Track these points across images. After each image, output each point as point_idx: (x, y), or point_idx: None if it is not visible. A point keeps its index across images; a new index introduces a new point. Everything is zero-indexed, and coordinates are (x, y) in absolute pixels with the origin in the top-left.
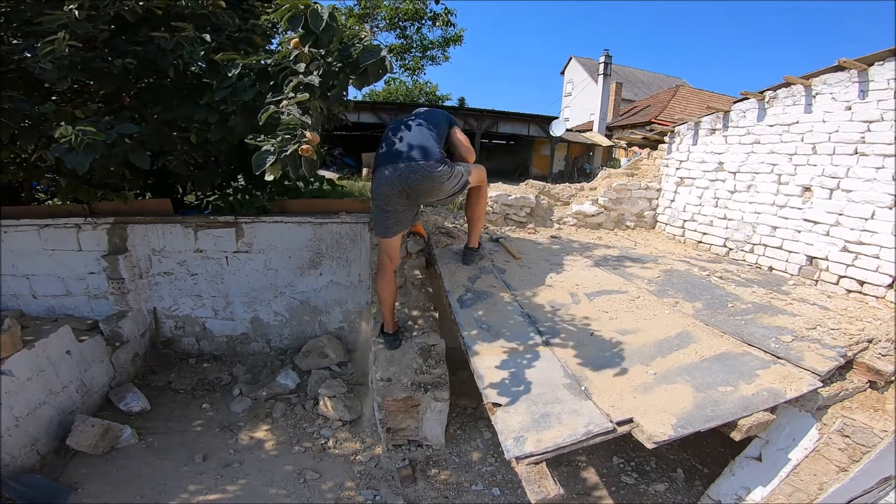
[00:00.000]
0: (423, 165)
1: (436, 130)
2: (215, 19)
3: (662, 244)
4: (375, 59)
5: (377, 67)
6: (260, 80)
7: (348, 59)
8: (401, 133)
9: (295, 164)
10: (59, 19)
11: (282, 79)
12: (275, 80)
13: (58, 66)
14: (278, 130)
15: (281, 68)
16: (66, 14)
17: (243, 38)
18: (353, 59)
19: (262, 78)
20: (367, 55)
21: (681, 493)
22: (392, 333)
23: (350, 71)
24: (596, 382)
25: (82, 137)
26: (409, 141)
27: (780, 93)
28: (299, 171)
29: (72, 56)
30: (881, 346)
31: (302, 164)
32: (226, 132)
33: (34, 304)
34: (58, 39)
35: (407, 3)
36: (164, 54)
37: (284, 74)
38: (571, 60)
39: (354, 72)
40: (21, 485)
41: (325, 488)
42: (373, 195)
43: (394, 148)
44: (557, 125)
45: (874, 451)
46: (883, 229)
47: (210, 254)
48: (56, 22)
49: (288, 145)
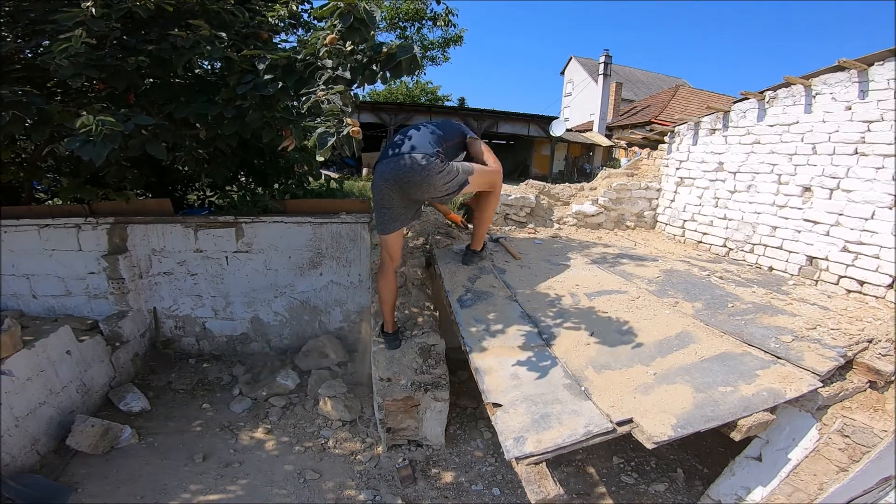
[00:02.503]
0: (411, 157)
1: (441, 133)
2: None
3: (662, 244)
4: (410, 54)
5: (410, 62)
6: (285, 74)
7: (377, 56)
8: (404, 134)
9: (350, 144)
10: (76, 16)
11: (308, 74)
12: (301, 75)
13: (73, 64)
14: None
15: (307, 64)
16: (84, 11)
17: (251, 33)
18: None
19: (287, 72)
20: (404, 51)
21: (681, 493)
22: (392, 333)
23: (382, 65)
24: (596, 382)
25: (101, 128)
26: (408, 140)
27: (780, 93)
28: (351, 149)
29: (87, 53)
30: (881, 346)
31: (354, 144)
32: (239, 126)
33: (34, 304)
34: (74, 37)
35: (407, 3)
36: (178, 52)
37: (311, 70)
38: (571, 60)
39: (387, 66)
40: (21, 485)
41: (326, 488)
42: (372, 191)
43: (393, 147)
44: (557, 125)
45: (874, 451)
46: (883, 229)
47: (210, 254)
48: (73, 19)
49: (342, 127)
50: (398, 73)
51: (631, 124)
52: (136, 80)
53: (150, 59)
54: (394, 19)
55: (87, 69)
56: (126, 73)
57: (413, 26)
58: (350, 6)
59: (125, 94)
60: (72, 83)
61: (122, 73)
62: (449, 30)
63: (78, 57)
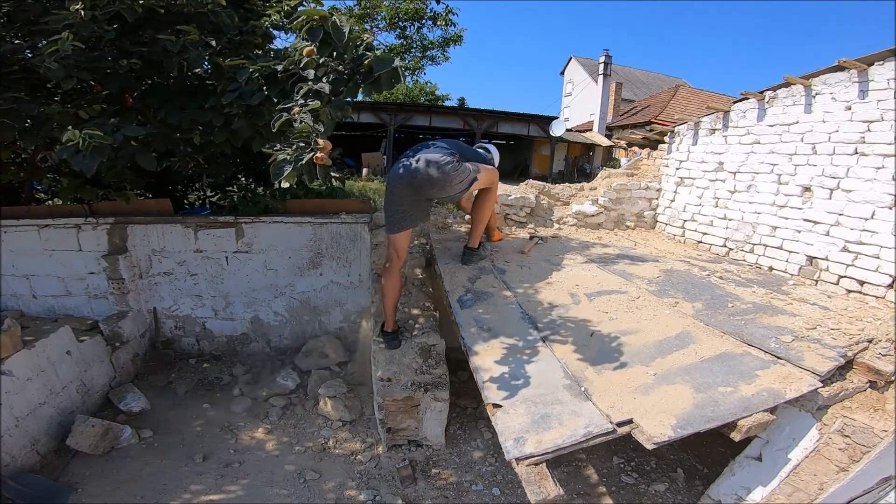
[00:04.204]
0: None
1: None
2: (215, 18)
3: (662, 244)
4: (389, 68)
5: (390, 76)
6: (268, 84)
7: (359, 68)
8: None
9: (311, 172)
10: (66, 19)
11: (291, 84)
12: (283, 86)
13: (63, 66)
14: (292, 138)
15: (290, 74)
16: (73, 14)
17: (244, 41)
18: (366, 67)
19: (270, 82)
20: (381, 65)
21: (681, 493)
22: (392, 332)
23: (362, 79)
24: (596, 383)
25: (89, 141)
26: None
27: (780, 93)
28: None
29: (76, 56)
30: (881, 346)
31: (317, 172)
32: (229, 135)
33: (34, 304)
34: (62, 39)
35: (407, 3)
36: (169, 56)
37: (294, 80)
38: (571, 60)
39: (367, 80)
40: (21, 485)
41: (326, 488)
42: (386, 191)
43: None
44: (557, 125)
45: (874, 451)
46: (883, 229)
47: (210, 254)
48: (62, 22)
49: (303, 154)
50: (377, 87)
51: (631, 124)
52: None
53: (143, 61)
54: (394, 19)
55: (78, 71)
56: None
57: (413, 26)
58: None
59: (122, 97)
60: (63, 85)
61: (114, 75)
62: (449, 29)
63: (67, 59)
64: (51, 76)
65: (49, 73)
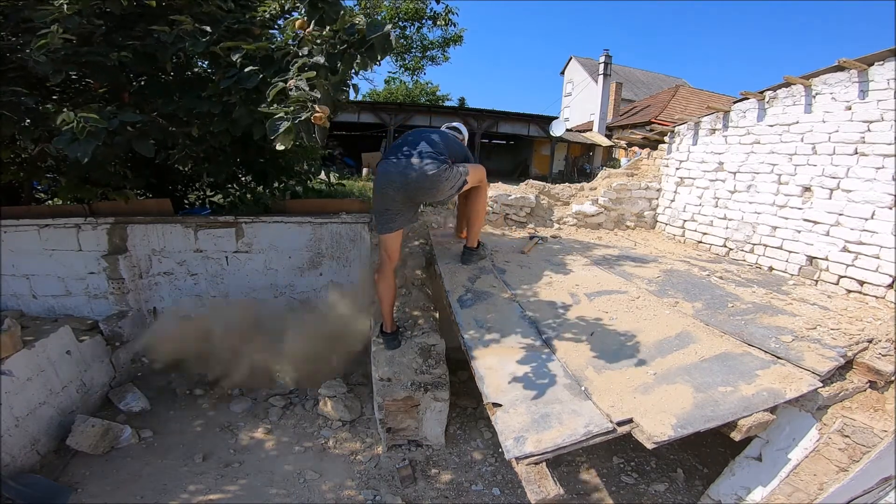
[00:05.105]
0: (420, 163)
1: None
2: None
3: (662, 244)
4: (381, 32)
5: (383, 42)
6: (264, 66)
7: (353, 37)
8: (409, 138)
9: (308, 131)
10: (51, 14)
11: (286, 63)
12: (279, 66)
13: (52, 60)
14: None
15: (284, 52)
16: (57, 9)
17: (242, 29)
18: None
19: (266, 64)
20: (373, 29)
21: (681, 493)
22: (391, 333)
23: (356, 48)
24: (596, 382)
25: (84, 124)
26: (415, 144)
27: (780, 93)
28: (312, 137)
29: (65, 49)
30: (881, 346)
31: (315, 131)
32: (228, 124)
33: (34, 304)
34: (50, 33)
35: (407, 3)
36: (163, 48)
37: (288, 59)
38: (571, 60)
39: (360, 48)
40: (21, 485)
41: (326, 488)
42: (374, 191)
43: (398, 149)
44: (557, 125)
45: (874, 451)
46: (883, 229)
47: (210, 254)
48: (47, 17)
49: (301, 113)
50: (372, 54)
51: (631, 124)
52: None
53: (135, 55)
54: (394, 19)
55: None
56: (108, 69)
57: (413, 26)
58: None
59: (119, 94)
60: (52, 79)
61: (104, 69)
62: (449, 29)
63: (56, 53)
64: (38, 70)
65: (37, 68)
